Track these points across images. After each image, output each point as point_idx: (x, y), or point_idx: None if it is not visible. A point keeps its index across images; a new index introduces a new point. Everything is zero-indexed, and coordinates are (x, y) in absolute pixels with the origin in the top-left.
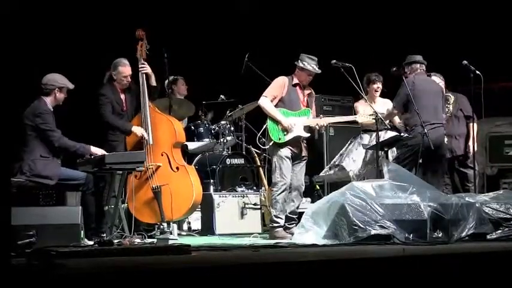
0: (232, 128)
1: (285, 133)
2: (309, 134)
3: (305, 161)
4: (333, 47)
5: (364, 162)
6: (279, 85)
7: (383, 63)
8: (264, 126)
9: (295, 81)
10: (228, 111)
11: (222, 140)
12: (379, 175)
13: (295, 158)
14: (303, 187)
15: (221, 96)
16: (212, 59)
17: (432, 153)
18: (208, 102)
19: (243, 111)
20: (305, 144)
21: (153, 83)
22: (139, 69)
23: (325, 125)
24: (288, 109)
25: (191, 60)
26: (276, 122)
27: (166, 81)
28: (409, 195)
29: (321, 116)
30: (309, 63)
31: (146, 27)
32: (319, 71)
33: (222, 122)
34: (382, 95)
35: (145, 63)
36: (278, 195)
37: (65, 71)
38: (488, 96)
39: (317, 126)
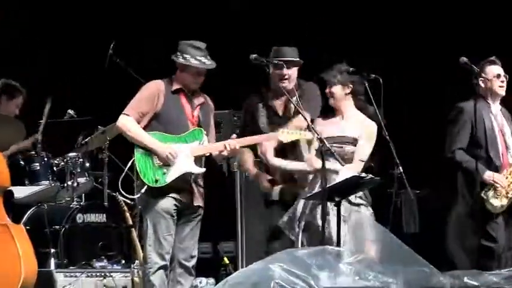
0: (87, 164)
1: (165, 171)
2: (203, 170)
3: (200, 217)
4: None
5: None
6: (149, 94)
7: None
8: (130, 162)
9: (177, 86)
10: (80, 137)
11: (70, 182)
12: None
13: (182, 213)
14: (194, 259)
15: (69, 111)
16: (53, 54)
17: None
18: (51, 121)
19: (105, 137)
20: (201, 188)
21: None
22: None
23: (235, 147)
24: (166, 131)
25: (17, 55)
26: (148, 153)
27: None
28: (376, 273)
29: (234, 135)
30: (194, 55)
31: None
32: (212, 65)
33: (71, 155)
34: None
35: None
36: (153, 274)
37: None
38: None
39: (225, 153)
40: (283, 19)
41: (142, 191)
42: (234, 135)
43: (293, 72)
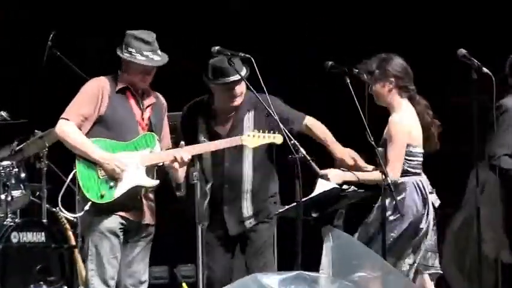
0: (23, 175)
1: (112, 184)
2: (156, 182)
3: (151, 237)
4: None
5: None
6: (91, 94)
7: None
8: (72, 174)
9: (122, 84)
10: (14, 143)
11: (3, 196)
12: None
13: (130, 233)
14: (144, 285)
15: (1, 113)
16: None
17: None
18: None
19: (43, 143)
20: (152, 204)
21: None
22: None
23: (186, 160)
24: (112, 137)
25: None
26: (92, 163)
27: None
28: None
29: (182, 143)
30: (140, 50)
31: None
32: (161, 61)
33: (4, 163)
34: None
35: None
36: None
37: None
38: None
39: (176, 165)
40: (283, 19)
41: (86, 207)
42: (183, 143)
43: (241, 87)
